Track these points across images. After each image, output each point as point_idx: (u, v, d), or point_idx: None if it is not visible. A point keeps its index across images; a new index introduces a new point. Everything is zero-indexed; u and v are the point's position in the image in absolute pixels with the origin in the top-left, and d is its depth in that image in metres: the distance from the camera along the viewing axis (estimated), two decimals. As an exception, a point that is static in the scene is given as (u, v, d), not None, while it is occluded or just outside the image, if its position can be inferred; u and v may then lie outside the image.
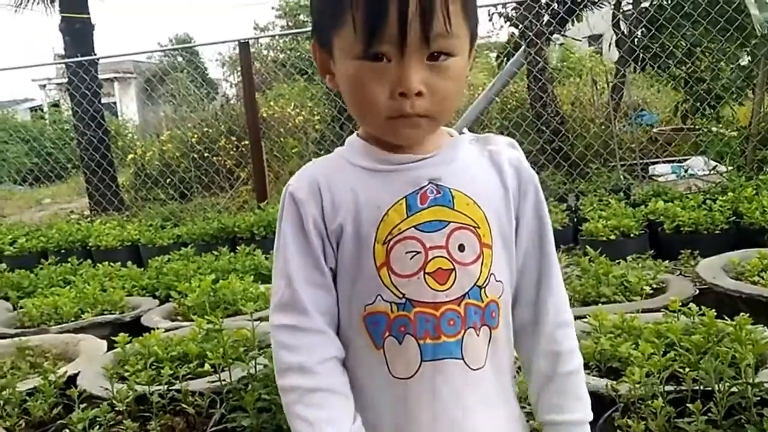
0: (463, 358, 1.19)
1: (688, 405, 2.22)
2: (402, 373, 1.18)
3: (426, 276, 1.17)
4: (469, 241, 1.20)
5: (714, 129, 8.87)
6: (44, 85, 26.46)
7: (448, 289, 1.18)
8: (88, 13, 10.50)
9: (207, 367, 3.13)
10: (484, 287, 1.20)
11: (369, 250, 1.18)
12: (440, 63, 1.13)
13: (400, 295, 1.17)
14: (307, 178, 1.23)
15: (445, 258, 1.18)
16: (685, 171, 7.96)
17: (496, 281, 1.22)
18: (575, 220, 6.01)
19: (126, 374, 3.17)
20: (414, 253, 1.18)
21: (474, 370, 1.20)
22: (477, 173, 1.25)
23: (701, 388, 2.33)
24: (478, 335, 1.20)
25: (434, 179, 1.21)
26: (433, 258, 1.18)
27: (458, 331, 1.18)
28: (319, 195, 1.20)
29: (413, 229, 1.18)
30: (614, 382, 2.44)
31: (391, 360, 1.18)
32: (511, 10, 10.27)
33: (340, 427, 1.16)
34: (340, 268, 1.21)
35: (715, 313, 2.69)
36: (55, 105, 22.18)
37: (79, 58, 9.91)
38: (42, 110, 24.30)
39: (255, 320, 3.00)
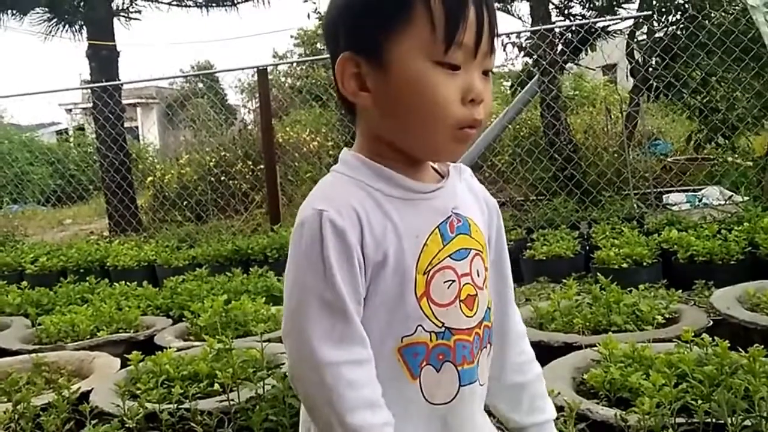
0: (478, 378, 1.23)
1: (699, 437, 2.17)
2: (441, 399, 1.18)
3: (461, 303, 1.19)
4: (481, 267, 1.24)
5: (729, 159, 8.78)
6: (70, 110, 26.77)
7: (474, 314, 1.22)
8: (114, 41, 10.62)
9: (217, 386, 3.11)
10: (491, 308, 1.27)
11: (411, 280, 1.15)
12: (488, 77, 1.17)
13: (440, 324, 1.17)
14: (342, 205, 1.13)
15: (471, 284, 1.21)
16: (700, 200, 7.88)
17: (493, 301, 1.29)
18: (587, 247, 5.94)
19: (138, 392, 3.16)
20: (450, 282, 1.18)
21: (482, 386, 1.25)
22: (471, 201, 1.29)
23: (713, 421, 2.27)
24: (487, 354, 1.26)
25: (455, 208, 1.22)
26: (464, 285, 1.20)
27: (478, 352, 1.23)
28: (359, 224, 1.13)
29: (448, 258, 1.19)
30: (623, 412, 2.38)
31: (428, 388, 1.17)
32: (525, 40, 10.30)
33: None
34: (372, 299, 1.15)
35: (729, 345, 2.63)
36: (80, 129, 22.38)
37: (104, 83, 10.03)
38: (67, 134, 24.50)
39: (264, 341, 3.00)
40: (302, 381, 1.13)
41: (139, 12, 11.37)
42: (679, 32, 8.66)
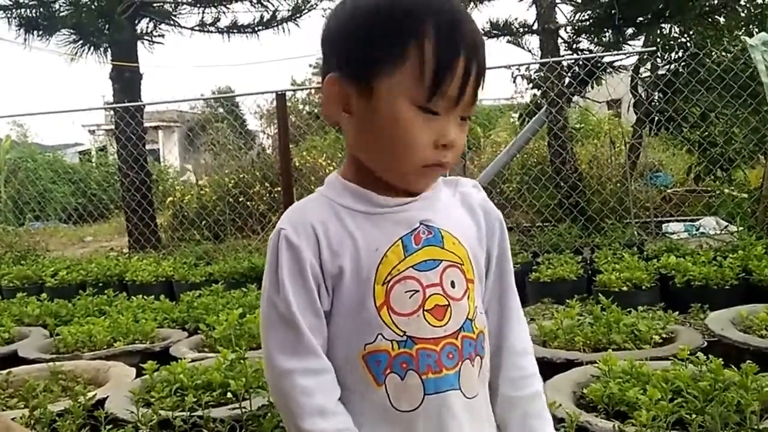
0: (460, 388, 1.19)
1: (693, 448, 2.18)
2: (406, 407, 1.17)
3: (425, 313, 1.17)
4: (458, 278, 1.22)
5: (726, 191, 8.80)
6: (93, 131, 26.89)
7: (445, 325, 1.18)
8: (137, 61, 10.71)
9: (230, 395, 3.11)
10: (474, 320, 1.23)
11: (369, 291, 1.16)
12: (465, 122, 1.19)
13: (401, 333, 1.16)
14: (300, 221, 1.19)
15: (441, 295, 1.19)
16: (697, 230, 7.89)
17: (480, 313, 1.25)
18: (590, 271, 5.96)
19: (152, 400, 3.17)
20: (413, 292, 1.17)
21: (469, 398, 1.21)
22: (456, 214, 1.28)
23: (707, 434, 2.28)
24: (472, 365, 1.22)
25: (425, 221, 1.22)
26: (430, 295, 1.18)
27: (456, 363, 1.19)
28: (315, 239, 1.17)
29: (411, 269, 1.18)
30: (621, 424, 2.39)
31: (394, 395, 1.17)
32: (534, 73, 10.36)
33: None
34: (336, 310, 1.18)
35: (723, 364, 2.64)
36: (102, 149, 22.53)
37: (126, 104, 10.09)
38: (90, 154, 24.67)
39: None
40: (269, 386, 1.21)
41: (162, 36, 11.47)
42: (680, 69, 8.70)
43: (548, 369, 3.28)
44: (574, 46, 10.63)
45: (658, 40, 9.90)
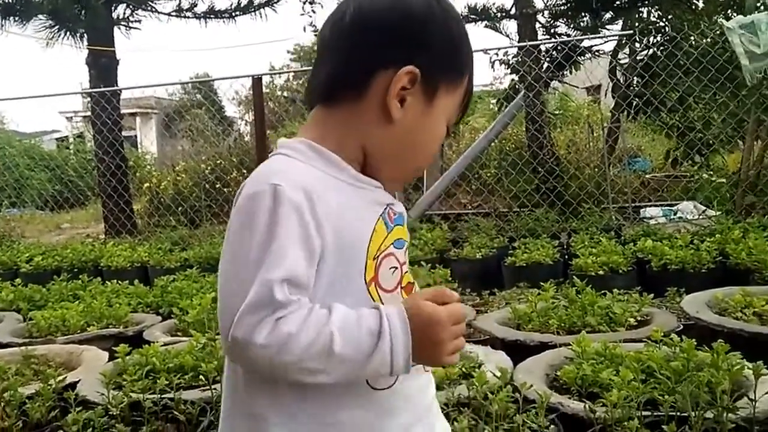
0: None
1: (663, 428, 2.17)
2: (383, 384, 1.14)
3: (402, 291, 1.19)
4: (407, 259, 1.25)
5: (705, 175, 8.85)
6: (70, 118, 26.64)
7: None
8: (113, 46, 10.58)
9: (202, 378, 3.09)
10: None
11: (361, 265, 1.11)
12: None
13: None
14: (297, 183, 1.07)
15: (408, 273, 1.22)
16: (675, 214, 7.93)
17: None
18: (566, 256, 5.96)
19: (123, 383, 3.13)
20: (394, 269, 1.17)
21: (426, 371, 1.24)
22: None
23: (678, 414, 2.27)
24: None
25: (390, 204, 1.21)
26: (405, 273, 1.21)
27: None
28: (311, 202, 1.06)
29: (392, 246, 1.18)
30: (592, 404, 2.38)
31: None
32: (512, 57, 10.37)
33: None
34: (320, 286, 1.08)
35: (697, 346, 2.63)
36: (80, 136, 22.31)
37: (102, 89, 10.00)
38: (67, 141, 24.43)
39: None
40: (269, 350, 1.01)
41: (139, 21, 11.34)
42: (658, 53, 8.72)
43: (522, 351, 3.27)
44: (552, 30, 10.64)
45: (636, 24, 9.92)
